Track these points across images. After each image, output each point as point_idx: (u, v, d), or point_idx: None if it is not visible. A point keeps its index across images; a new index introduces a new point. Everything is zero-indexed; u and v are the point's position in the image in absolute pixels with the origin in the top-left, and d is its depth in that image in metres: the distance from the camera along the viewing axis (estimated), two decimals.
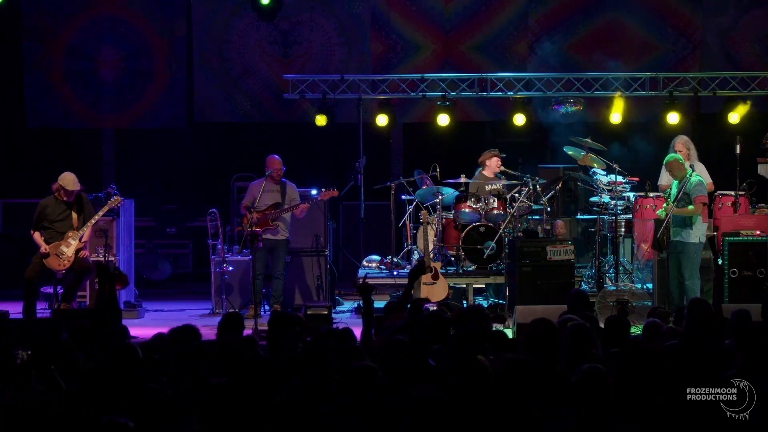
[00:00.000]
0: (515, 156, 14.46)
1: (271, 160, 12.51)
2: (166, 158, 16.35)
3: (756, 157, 13.22)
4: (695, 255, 11.34)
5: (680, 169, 11.36)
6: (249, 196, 12.52)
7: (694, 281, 11.23)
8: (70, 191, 11.32)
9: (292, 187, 12.58)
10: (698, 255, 11.38)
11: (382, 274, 13.12)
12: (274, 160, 12.49)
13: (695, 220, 11.34)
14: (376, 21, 15.69)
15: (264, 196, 12.37)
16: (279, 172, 12.44)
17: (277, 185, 12.46)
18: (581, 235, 13.88)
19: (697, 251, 11.36)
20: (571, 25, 15.60)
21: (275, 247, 12.42)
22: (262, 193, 12.36)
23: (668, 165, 11.50)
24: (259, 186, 12.45)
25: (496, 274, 12.71)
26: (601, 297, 11.67)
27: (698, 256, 11.38)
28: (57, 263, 11.27)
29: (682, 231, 11.30)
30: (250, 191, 12.56)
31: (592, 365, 5.02)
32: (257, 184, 12.53)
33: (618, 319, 7.63)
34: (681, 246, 11.29)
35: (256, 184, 12.59)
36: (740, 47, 15.57)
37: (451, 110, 14.25)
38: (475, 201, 12.85)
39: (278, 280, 12.50)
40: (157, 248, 15.93)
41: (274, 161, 12.48)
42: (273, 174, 12.41)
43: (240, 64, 15.73)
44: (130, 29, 15.80)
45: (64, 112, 15.85)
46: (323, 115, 14.26)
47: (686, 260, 11.26)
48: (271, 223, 12.33)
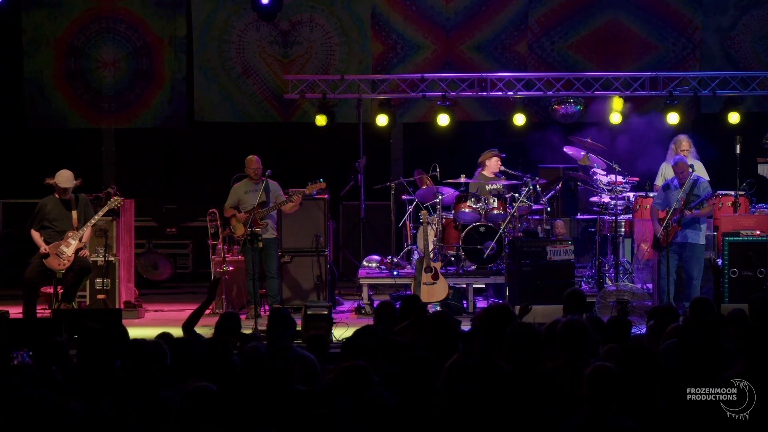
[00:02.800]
0: (515, 156, 14.46)
1: (249, 160, 12.51)
2: (166, 158, 16.37)
3: (756, 157, 13.23)
4: (702, 255, 11.49)
5: (687, 171, 11.41)
6: (232, 197, 12.51)
7: (700, 281, 11.31)
8: (63, 188, 11.29)
9: (274, 184, 12.55)
10: (703, 255, 11.46)
11: (382, 274, 13.12)
12: (252, 160, 12.50)
13: (702, 221, 11.40)
14: (376, 21, 15.69)
15: (248, 197, 12.38)
16: (257, 171, 12.42)
17: (259, 185, 12.42)
18: (581, 235, 13.88)
19: (703, 252, 11.51)
20: (571, 25, 15.60)
21: (266, 246, 12.38)
22: (246, 194, 12.37)
23: (679, 167, 11.46)
24: (242, 188, 12.46)
25: (496, 274, 12.71)
26: (601, 297, 11.68)
27: (703, 257, 11.46)
28: (57, 263, 11.25)
29: (692, 232, 11.36)
30: (233, 193, 12.55)
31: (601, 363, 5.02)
32: (240, 186, 12.54)
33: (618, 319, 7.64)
34: (690, 247, 11.34)
35: (238, 186, 12.59)
36: (740, 47, 15.56)
37: (451, 110, 14.25)
38: (475, 201, 12.85)
39: (273, 279, 12.49)
40: (157, 248, 15.92)
41: (252, 161, 12.48)
42: (251, 174, 12.42)
43: (240, 64, 15.73)
44: (130, 29, 15.80)
45: (64, 112, 15.85)
46: (323, 115, 14.25)
47: (695, 261, 11.38)
48: (260, 222, 12.31)
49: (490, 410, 5.04)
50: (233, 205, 12.46)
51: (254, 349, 5.97)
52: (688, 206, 11.28)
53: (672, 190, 11.55)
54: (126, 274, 12.80)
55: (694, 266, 11.35)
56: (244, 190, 12.46)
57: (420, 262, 12.38)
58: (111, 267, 12.38)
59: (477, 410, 5.09)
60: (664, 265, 11.34)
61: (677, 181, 11.52)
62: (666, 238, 11.28)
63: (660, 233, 11.27)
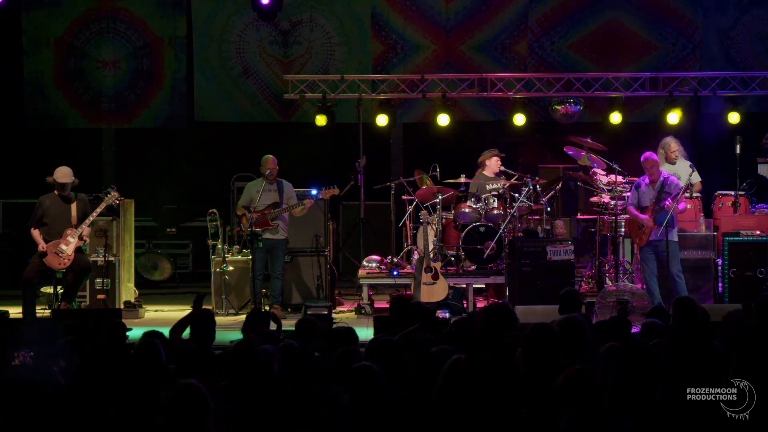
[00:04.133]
0: (515, 156, 14.46)
1: (266, 160, 12.53)
2: (166, 158, 16.37)
3: (756, 157, 13.23)
4: (677, 250, 11.52)
5: (657, 169, 11.52)
6: (246, 196, 12.54)
7: (682, 275, 11.35)
8: (61, 183, 11.30)
9: (288, 186, 12.59)
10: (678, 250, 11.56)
11: (382, 274, 13.11)
12: (269, 160, 12.51)
13: (674, 219, 11.43)
14: (376, 21, 15.69)
15: (262, 196, 12.39)
16: (274, 172, 12.45)
17: (273, 185, 12.47)
18: (581, 235, 13.88)
19: (677, 247, 11.56)
20: (571, 25, 15.60)
21: (274, 246, 12.43)
22: (261, 193, 12.37)
23: (647, 163, 11.53)
24: (256, 186, 12.48)
25: (496, 274, 12.71)
26: (601, 297, 11.67)
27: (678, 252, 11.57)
28: (57, 262, 11.26)
29: (669, 230, 11.38)
30: (246, 192, 12.58)
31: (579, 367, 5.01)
32: (254, 185, 12.57)
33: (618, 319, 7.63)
34: (671, 245, 11.38)
35: (252, 184, 12.62)
36: (740, 47, 15.56)
37: (451, 110, 14.25)
38: (475, 201, 12.85)
39: (277, 280, 12.51)
40: (157, 248, 15.93)
41: (269, 161, 12.50)
42: (269, 174, 12.43)
43: (240, 64, 15.73)
44: (130, 29, 15.80)
45: (64, 112, 15.85)
46: (323, 115, 14.26)
47: (674, 257, 11.39)
48: (271, 222, 12.34)
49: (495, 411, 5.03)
50: (245, 204, 12.45)
51: (290, 347, 5.93)
52: (659, 204, 11.34)
53: (642, 188, 11.59)
54: (126, 274, 12.82)
55: (674, 262, 11.39)
56: (257, 189, 12.45)
57: (420, 262, 12.38)
58: (111, 267, 12.39)
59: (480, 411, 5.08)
60: (646, 266, 11.48)
61: (648, 179, 11.56)
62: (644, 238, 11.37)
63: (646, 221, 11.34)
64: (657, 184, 11.46)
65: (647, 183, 11.59)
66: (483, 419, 4.84)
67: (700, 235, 12.19)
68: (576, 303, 8.32)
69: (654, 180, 11.51)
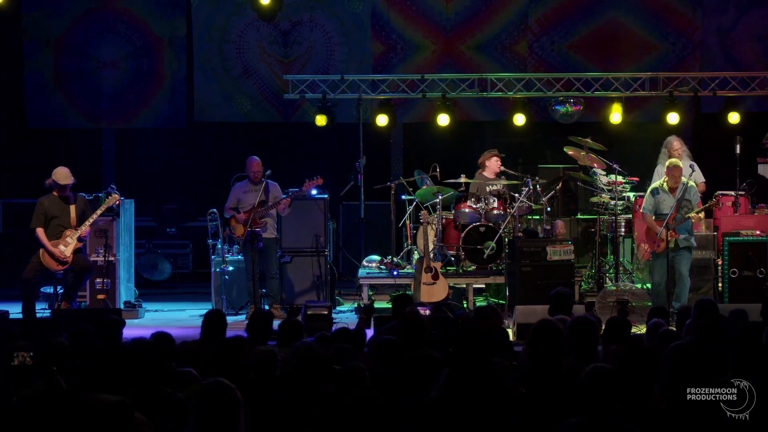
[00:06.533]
0: (515, 156, 14.45)
1: (250, 161, 12.57)
2: (166, 158, 16.37)
3: (756, 157, 13.23)
4: (690, 255, 11.50)
5: (680, 177, 11.40)
6: (232, 198, 12.56)
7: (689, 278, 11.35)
8: (62, 185, 11.30)
9: (275, 185, 12.61)
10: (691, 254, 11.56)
11: (382, 274, 13.12)
12: (252, 162, 12.55)
13: (692, 225, 11.41)
14: (376, 21, 15.68)
15: (247, 197, 12.42)
16: (258, 173, 12.47)
17: (258, 185, 12.45)
18: (581, 235, 13.88)
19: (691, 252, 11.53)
20: (571, 25, 15.59)
21: (266, 246, 12.42)
22: (245, 194, 12.42)
23: (677, 170, 11.39)
24: (242, 188, 12.52)
25: (496, 274, 12.71)
26: (601, 297, 11.67)
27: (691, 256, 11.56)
28: (55, 263, 11.25)
29: (689, 237, 11.36)
30: (233, 193, 12.60)
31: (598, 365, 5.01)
32: (239, 186, 12.59)
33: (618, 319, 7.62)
34: (688, 252, 11.35)
35: (238, 186, 12.64)
36: (740, 47, 15.55)
37: (451, 110, 14.25)
38: (475, 201, 12.86)
39: (273, 279, 12.51)
40: (157, 248, 15.93)
41: (253, 163, 12.54)
42: (251, 176, 12.46)
43: (240, 64, 15.72)
44: (130, 29, 15.79)
45: (64, 112, 15.84)
46: (323, 115, 14.26)
47: (688, 262, 11.35)
48: (259, 221, 12.33)
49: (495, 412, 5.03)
50: (232, 206, 12.48)
51: (308, 347, 5.92)
52: (680, 212, 11.26)
53: (660, 194, 11.49)
54: (126, 274, 12.82)
55: (687, 267, 11.36)
56: (243, 190, 12.52)
57: (420, 262, 12.38)
58: (111, 267, 12.38)
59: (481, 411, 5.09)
60: (657, 273, 11.33)
61: (666, 185, 11.46)
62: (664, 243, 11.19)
63: (661, 232, 11.16)
64: (678, 191, 11.36)
65: (665, 190, 11.47)
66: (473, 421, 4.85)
67: (700, 235, 12.18)
68: (567, 304, 8.15)
69: (674, 187, 11.43)
